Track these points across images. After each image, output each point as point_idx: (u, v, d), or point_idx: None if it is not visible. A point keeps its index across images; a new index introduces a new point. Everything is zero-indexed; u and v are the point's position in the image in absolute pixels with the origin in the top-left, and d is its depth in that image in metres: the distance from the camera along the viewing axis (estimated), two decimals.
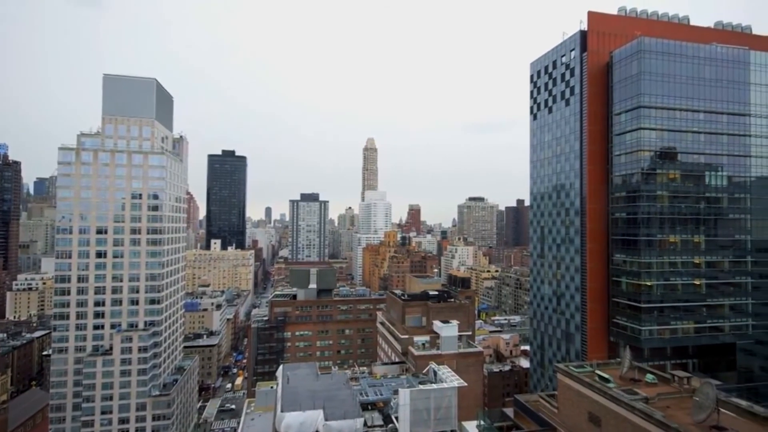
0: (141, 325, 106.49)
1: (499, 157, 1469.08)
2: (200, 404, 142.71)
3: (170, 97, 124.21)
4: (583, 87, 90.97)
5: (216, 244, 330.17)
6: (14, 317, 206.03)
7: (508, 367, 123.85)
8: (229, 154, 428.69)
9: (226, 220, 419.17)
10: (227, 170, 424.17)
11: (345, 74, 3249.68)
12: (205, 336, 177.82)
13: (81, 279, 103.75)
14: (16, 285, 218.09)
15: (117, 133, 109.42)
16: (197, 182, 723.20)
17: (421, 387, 43.01)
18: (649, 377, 39.43)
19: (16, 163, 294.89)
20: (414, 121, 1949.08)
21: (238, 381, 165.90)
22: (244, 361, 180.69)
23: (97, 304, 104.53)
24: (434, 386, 43.22)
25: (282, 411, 41.80)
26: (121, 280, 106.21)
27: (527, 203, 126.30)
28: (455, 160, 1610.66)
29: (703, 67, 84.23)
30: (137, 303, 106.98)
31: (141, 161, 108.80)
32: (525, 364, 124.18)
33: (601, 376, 38.54)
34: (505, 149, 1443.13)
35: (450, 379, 44.65)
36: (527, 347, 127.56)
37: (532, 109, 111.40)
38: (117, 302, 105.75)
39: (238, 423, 66.35)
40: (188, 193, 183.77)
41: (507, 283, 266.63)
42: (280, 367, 57.90)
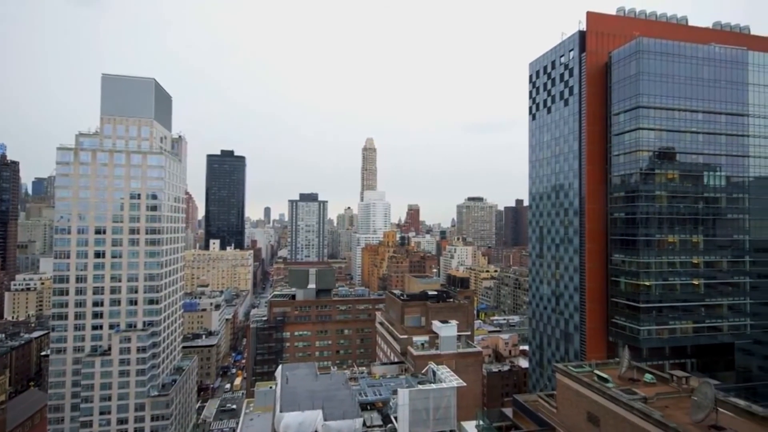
0: (139, 326, 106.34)
1: (499, 158, 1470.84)
2: (199, 404, 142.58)
3: (169, 97, 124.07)
4: (581, 87, 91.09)
5: (215, 244, 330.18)
6: (12, 317, 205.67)
7: (507, 367, 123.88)
8: (228, 154, 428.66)
9: (225, 220, 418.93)
10: (226, 170, 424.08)
11: (344, 74, 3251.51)
12: (204, 336, 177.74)
13: (79, 279, 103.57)
14: (15, 285, 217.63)
15: (115, 133, 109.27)
16: (196, 182, 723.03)
17: (420, 387, 42.97)
18: (648, 377, 39.50)
19: (15, 163, 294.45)
20: (413, 121, 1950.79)
21: (237, 381, 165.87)
22: (243, 361, 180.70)
23: (96, 304, 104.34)
24: (433, 386, 43.20)
25: (281, 411, 41.78)
26: (120, 281, 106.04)
27: (526, 203, 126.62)
28: (454, 160, 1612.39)
29: (701, 67, 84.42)
30: (136, 303, 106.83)
31: (140, 161, 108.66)
32: (524, 364, 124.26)
33: (599, 376, 38.59)
34: (505, 149, 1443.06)
35: (449, 379, 44.62)
36: (526, 347, 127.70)
37: (531, 109, 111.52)
38: (115, 302, 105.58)
39: (237, 423, 66.34)
40: (187, 193, 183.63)
41: (506, 283, 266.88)
42: (279, 367, 57.85)
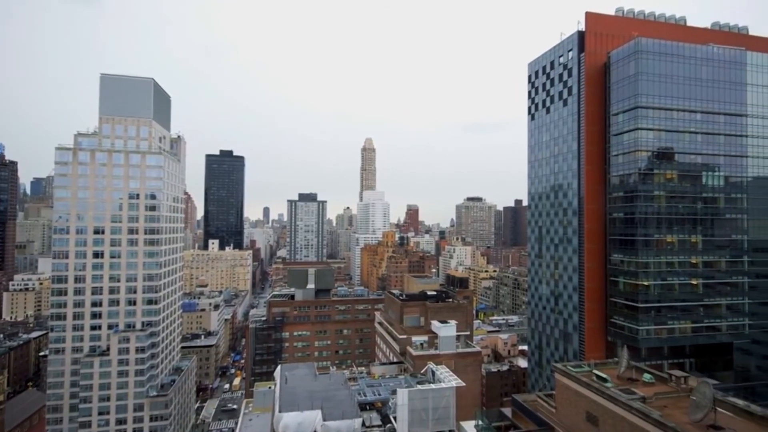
0: (138, 326, 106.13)
1: (498, 158, 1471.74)
2: (198, 405, 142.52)
3: (168, 97, 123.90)
4: (580, 87, 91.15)
5: (214, 244, 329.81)
6: (11, 318, 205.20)
7: (506, 367, 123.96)
8: (227, 154, 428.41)
9: (223, 221, 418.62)
10: (225, 170, 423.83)
11: (344, 74, 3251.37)
12: (203, 336, 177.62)
13: (78, 279, 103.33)
14: (13, 285, 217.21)
15: (114, 133, 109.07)
16: (195, 182, 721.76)
17: (420, 387, 42.98)
18: (647, 377, 39.55)
19: (13, 163, 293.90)
20: (412, 122, 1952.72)
21: (236, 381, 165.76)
22: (242, 361, 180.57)
23: (94, 304, 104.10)
24: (432, 386, 43.22)
25: (280, 411, 41.79)
26: (119, 281, 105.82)
27: (525, 203, 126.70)
28: (454, 160, 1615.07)
29: (700, 67, 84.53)
30: (134, 303, 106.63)
31: (138, 161, 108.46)
32: (523, 363, 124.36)
33: (598, 376, 38.61)
34: (504, 150, 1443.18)
35: (448, 379, 44.64)
36: (525, 347, 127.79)
37: (530, 109, 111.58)
38: (114, 302, 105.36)
39: (236, 423, 66.29)
40: (186, 193, 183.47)
41: (505, 283, 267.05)
42: (278, 367, 57.87)
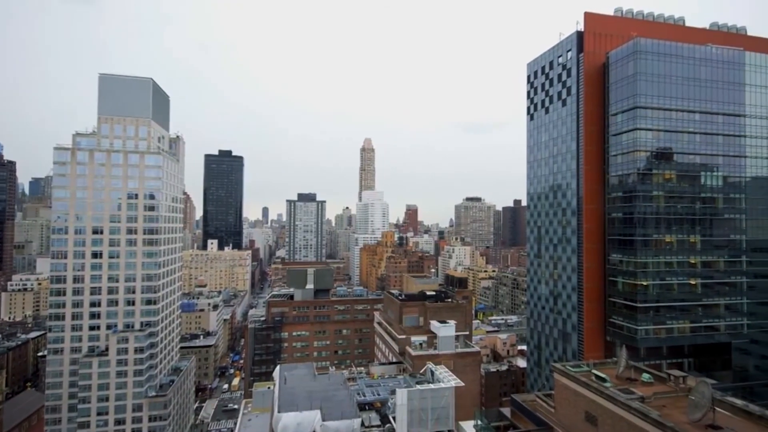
0: (137, 326, 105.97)
1: (497, 158, 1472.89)
2: (197, 405, 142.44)
3: (167, 97, 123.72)
4: (579, 87, 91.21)
5: (213, 244, 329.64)
6: (9, 318, 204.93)
7: (505, 367, 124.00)
8: (226, 154, 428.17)
9: (222, 221, 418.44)
10: (224, 170, 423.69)
11: (344, 75, 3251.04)
12: (202, 336, 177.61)
13: (77, 279, 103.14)
14: (11, 286, 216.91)
15: (113, 132, 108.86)
16: (194, 182, 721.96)
17: (419, 387, 43.00)
18: (646, 376, 39.57)
19: (11, 163, 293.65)
20: (412, 122, 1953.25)
21: (235, 381, 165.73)
22: (241, 361, 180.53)
23: (93, 304, 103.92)
24: (431, 386, 43.25)
25: (279, 411, 41.77)
26: (117, 281, 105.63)
27: (524, 203, 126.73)
28: (453, 160, 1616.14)
29: (698, 68, 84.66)
30: (133, 303, 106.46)
31: (137, 161, 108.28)
32: (522, 363, 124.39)
33: (597, 376, 38.62)
34: (503, 150, 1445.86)
35: (447, 379, 44.67)
36: (524, 347, 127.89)
37: (529, 109, 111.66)
38: (113, 303, 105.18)
39: (235, 423, 66.24)
40: (185, 193, 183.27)
41: (504, 283, 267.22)
42: (277, 367, 57.89)
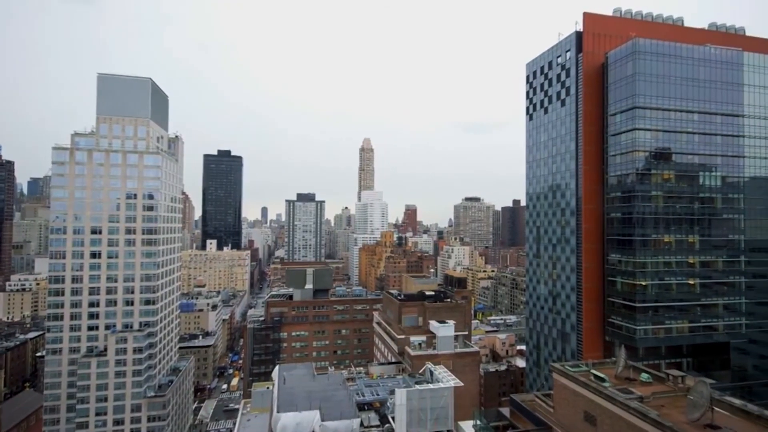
0: (136, 326, 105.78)
1: (496, 158, 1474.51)
2: (196, 405, 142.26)
3: (165, 97, 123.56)
4: (578, 88, 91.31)
5: (212, 244, 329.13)
6: (8, 318, 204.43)
7: (504, 367, 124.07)
8: (225, 154, 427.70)
9: (221, 221, 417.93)
10: (223, 170, 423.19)
11: (344, 75, 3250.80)
12: (201, 337, 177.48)
13: (75, 279, 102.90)
14: (10, 286, 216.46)
15: (111, 132, 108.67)
16: (193, 182, 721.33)
17: (418, 387, 43.03)
18: (644, 376, 39.62)
19: (10, 163, 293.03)
20: (411, 122, 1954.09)
21: (234, 382, 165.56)
22: (240, 361, 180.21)
23: (92, 304, 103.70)
24: (431, 386, 43.28)
25: (278, 411, 41.73)
26: (116, 281, 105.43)
27: (523, 203, 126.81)
28: (452, 160, 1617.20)
29: (697, 68, 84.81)
30: (132, 303, 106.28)
31: (136, 161, 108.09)
32: (521, 363, 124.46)
33: (596, 376, 38.66)
34: (502, 150, 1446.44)
35: (446, 379, 44.70)
36: (523, 347, 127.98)
37: (528, 109, 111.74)
38: (112, 303, 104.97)
39: (234, 424, 66.18)
40: (184, 193, 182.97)
41: (503, 283, 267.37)
42: (277, 367, 57.79)
